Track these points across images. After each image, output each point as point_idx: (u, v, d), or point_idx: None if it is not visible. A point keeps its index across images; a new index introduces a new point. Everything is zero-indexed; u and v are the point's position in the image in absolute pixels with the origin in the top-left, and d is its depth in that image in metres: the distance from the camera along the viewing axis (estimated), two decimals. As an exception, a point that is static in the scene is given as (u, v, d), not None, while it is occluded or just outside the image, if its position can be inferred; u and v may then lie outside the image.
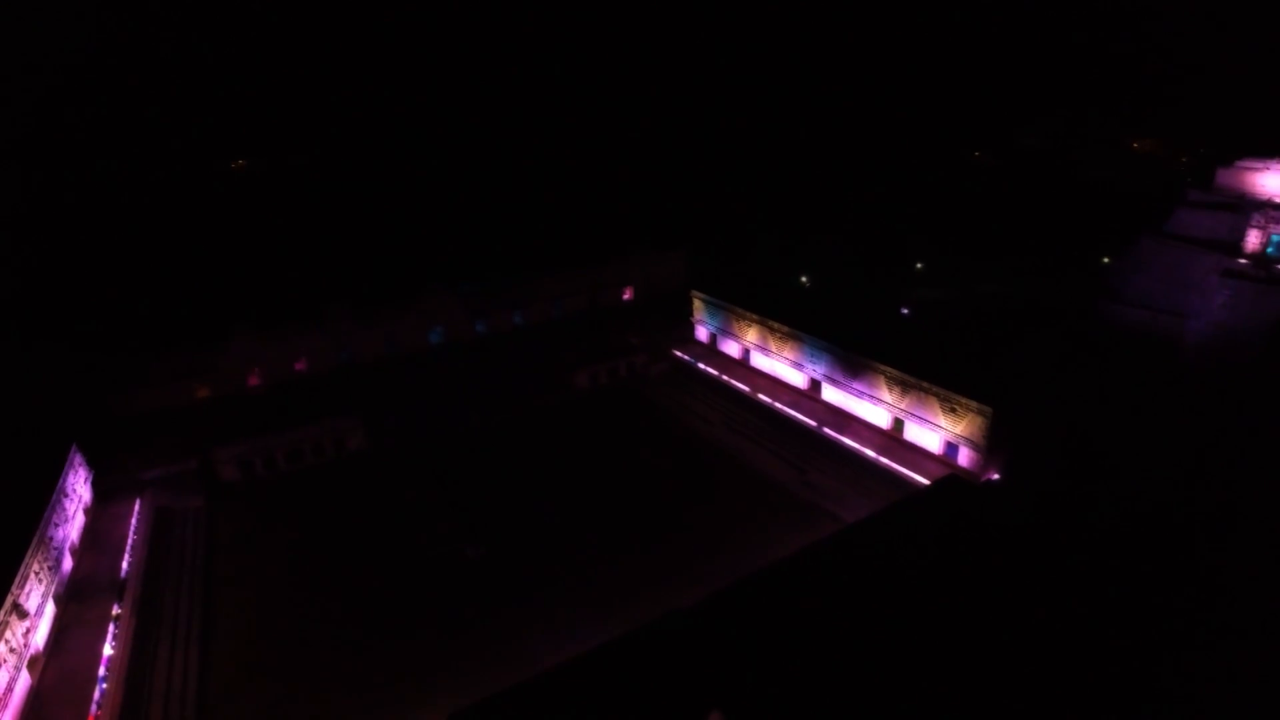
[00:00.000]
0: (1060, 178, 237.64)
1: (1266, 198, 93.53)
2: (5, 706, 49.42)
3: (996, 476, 68.99)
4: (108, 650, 58.24)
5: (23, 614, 54.58)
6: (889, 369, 79.10)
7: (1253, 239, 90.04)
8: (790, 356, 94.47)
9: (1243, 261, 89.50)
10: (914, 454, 77.23)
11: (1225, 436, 68.23)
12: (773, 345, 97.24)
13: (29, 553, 57.67)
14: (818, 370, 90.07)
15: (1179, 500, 59.07)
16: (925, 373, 76.07)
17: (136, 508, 77.30)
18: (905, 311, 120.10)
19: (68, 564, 67.09)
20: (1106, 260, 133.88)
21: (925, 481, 71.59)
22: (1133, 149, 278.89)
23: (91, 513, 76.44)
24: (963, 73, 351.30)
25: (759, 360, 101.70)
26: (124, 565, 68.36)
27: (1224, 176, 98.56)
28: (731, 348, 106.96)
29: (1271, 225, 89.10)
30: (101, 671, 56.12)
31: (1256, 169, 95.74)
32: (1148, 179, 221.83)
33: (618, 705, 42.50)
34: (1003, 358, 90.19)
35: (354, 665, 57.89)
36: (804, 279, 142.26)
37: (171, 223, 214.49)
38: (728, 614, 50.55)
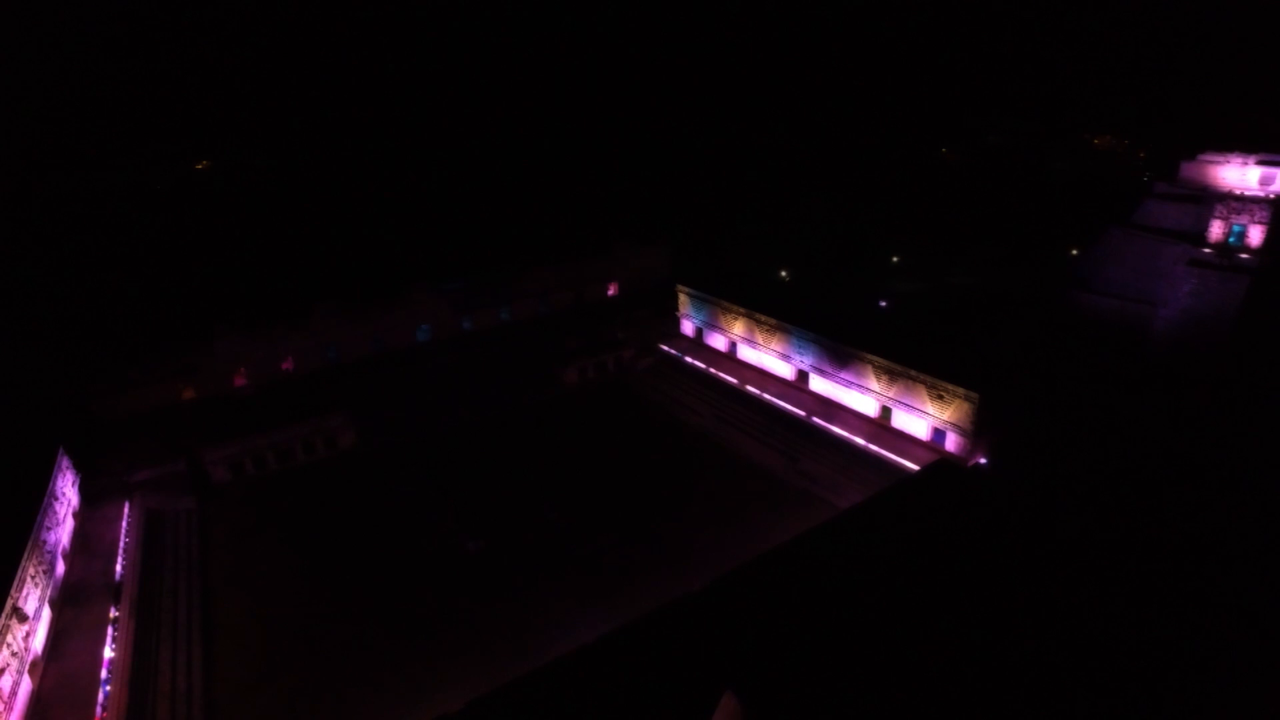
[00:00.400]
0: (1024, 173, 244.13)
1: (1227, 189, 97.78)
2: (11, 710, 48.74)
3: (984, 460, 71.29)
4: (108, 653, 57.51)
5: (23, 618, 53.76)
6: (877, 358, 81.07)
7: (1216, 229, 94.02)
8: (777, 348, 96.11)
9: (1207, 251, 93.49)
10: (902, 440, 79.25)
11: (1198, 417, 71.47)
12: (760, 338, 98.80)
13: (24, 555, 56.77)
14: (805, 361, 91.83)
15: (1161, 478, 61.83)
16: (911, 361, 78.16)
17: (125, 511, 76.07)
18: (883, 304, 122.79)
19: (60, 568, 65.92)
20: (1075, 252, 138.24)
21: (914, 467, 73.64)
22: (1093, 145, 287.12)
23: (80, 516, 75.04)
24: (929, 73, 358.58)
25: (746, 353, 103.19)
26: (118, 568, 67.31)
27: (1187, 169, 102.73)
28: (718, 341, 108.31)
29: (1233, 215, 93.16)
30: (104, 674, 55.45)
31: (1217, 162, 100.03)
32: (1108, 174, 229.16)
33: (634, 689, 43.45)
34: (982, 346, 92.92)
35: (362, 660, 58.01)
36: (784, 274, 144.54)
37: (150, 224, 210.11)
38: (735, 598, 51.84)
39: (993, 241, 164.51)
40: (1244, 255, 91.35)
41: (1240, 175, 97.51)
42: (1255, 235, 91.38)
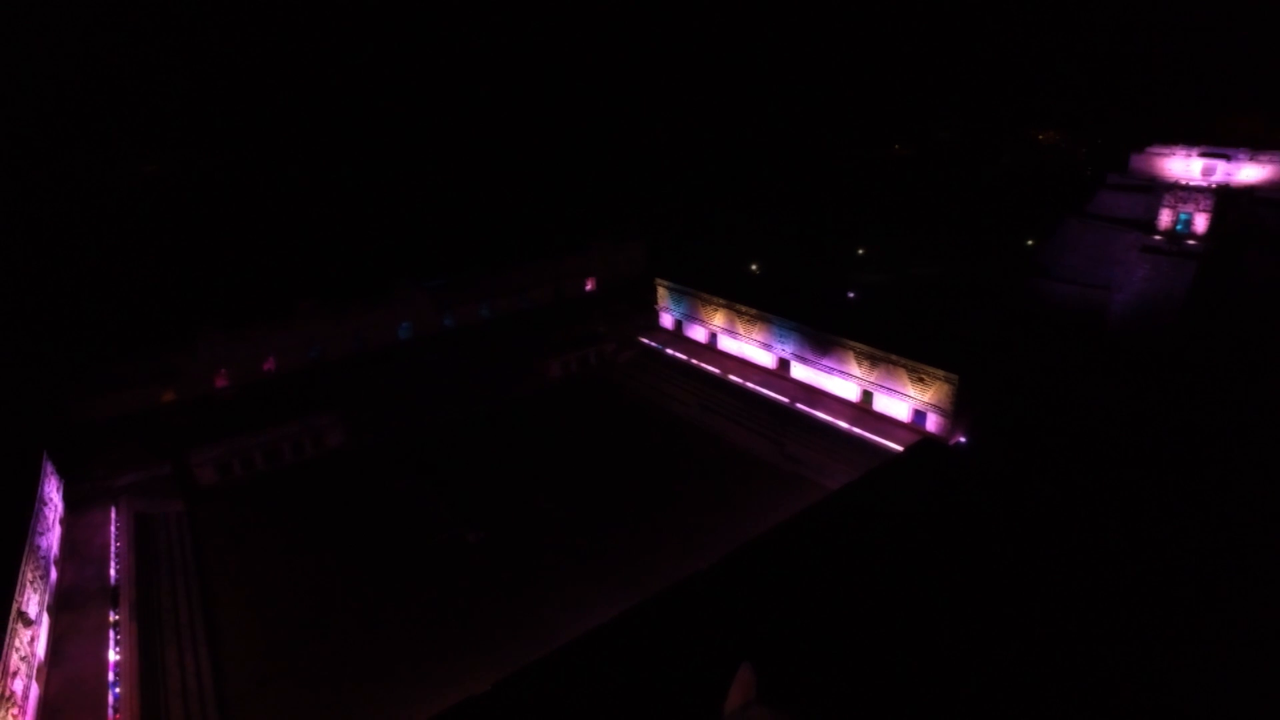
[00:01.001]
0: (975, 167, 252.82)
1: (1174, 180, 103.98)
2: (24, 713, 48.21)
3: (963, 439, 74.96)
4: (113, 656, 56.95)
5: (28, 622, 52.99)
6: (858, 344, 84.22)
7: (1165, 217, 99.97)
8: (758, 338, 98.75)
9: (1158, 238, 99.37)
10: (884, 423, 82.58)
11: (1156, 391, 76.45)
12: (740, 328, 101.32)
13: (23, 559, 55.88)
14: (787, 350, 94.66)
15: (1129, 447, 66.16)
16: (891, 346, 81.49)
17: (113, 515, 74.78)
18: (851, 295, 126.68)
19: (52, 574, 64.69)
20: (1030, 242, 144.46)
21: (897, 448, 76.91)
22: (1038, 140, 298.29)
23: (66, 522, 73.46)
24: (881, 71, 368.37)
25: (726, 343, 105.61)
26: (112, 572, 66.37)
27: (1137, 161, 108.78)
28: (698, 332, 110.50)
29: (1180, 204, 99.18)
30: (110, 677, 54.97)
31: (1164, 154, 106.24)
32: (1054, 167, 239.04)
33: (653, 664, 45.16)
34: (953, 332, 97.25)
35: (373, 651, 58.48)
36: (754, 267, 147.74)
37: (128, 224, 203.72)
38: (743, 575, 54.02)
39: (952, 233, 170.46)
40: (1191, 241, 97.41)
41: (1185, 166, 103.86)
42: (1200, 222, 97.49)
